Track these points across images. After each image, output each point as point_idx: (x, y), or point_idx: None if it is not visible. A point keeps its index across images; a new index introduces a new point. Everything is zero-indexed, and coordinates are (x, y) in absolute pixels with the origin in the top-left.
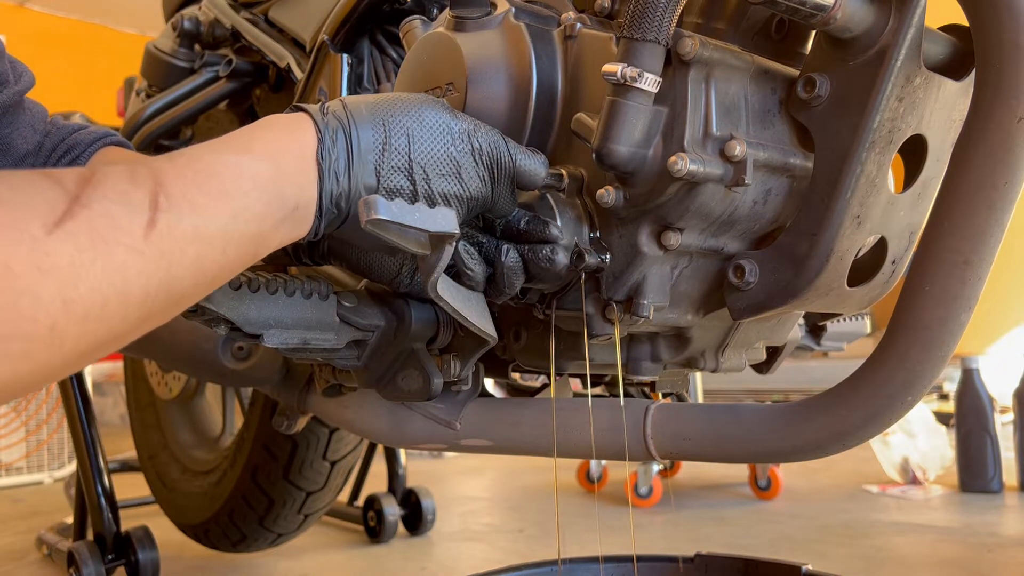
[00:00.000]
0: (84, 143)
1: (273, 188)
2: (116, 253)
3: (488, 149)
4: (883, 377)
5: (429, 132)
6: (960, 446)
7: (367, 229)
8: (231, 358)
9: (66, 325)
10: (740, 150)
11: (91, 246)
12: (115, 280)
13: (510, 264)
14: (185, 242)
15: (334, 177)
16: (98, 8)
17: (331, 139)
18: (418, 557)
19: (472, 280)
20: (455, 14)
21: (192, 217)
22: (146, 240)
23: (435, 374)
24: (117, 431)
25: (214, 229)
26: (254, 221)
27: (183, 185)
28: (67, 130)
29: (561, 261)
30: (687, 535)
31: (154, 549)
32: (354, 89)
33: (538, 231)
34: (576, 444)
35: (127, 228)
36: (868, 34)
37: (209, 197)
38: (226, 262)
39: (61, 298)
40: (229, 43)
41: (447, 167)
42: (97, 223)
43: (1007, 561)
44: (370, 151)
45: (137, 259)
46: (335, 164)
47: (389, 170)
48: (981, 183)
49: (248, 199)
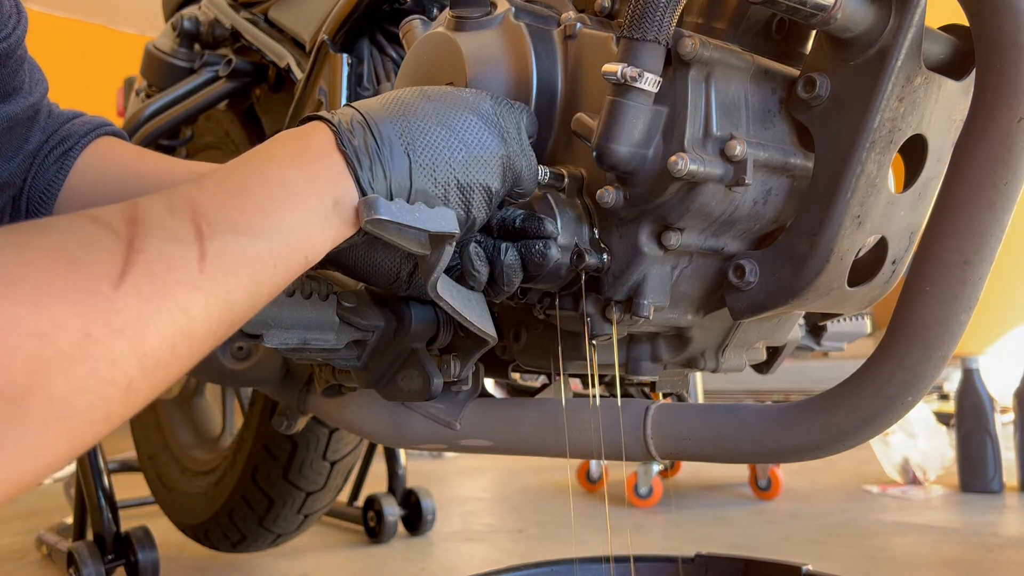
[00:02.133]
0: (78, 134)
1: (307, 190)
2: (178, 294)
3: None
4: (883, 377)
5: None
6: (960, 446)
7: (367, 229)
8: (231, 358)
9: (141, 380)
10: (740, 150)
11: (153, 293)
12: (180, 321)
13: (509, 262)
14: (238, 266)
15: (365, 162)
16: (98, 8)
17: (348, 130)
18: (418, 557)
19: (476, 281)
20: (455, 14)
21: (237, 239)
22: (202, 274)
23: (435, 374)
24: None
25: (261, 246)
26: (297, 228)
27: (219, 208)
28: (61, 119)
29: (553, 256)
30: (687, 535)
31: (154, 549)
32: (354, 89)
33: (534, 227)
34: (577, 444)
35: (182, 266)
36: (868, 34)
37: (246, 215)
38: (279, 277)
39: (135, 355)
40: (229, 43)
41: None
42: (155, 267)
43: (1007, 561)
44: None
45: (197, 294)
46: (359, 149)
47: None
48: (981, 183)
49: (285, 208)
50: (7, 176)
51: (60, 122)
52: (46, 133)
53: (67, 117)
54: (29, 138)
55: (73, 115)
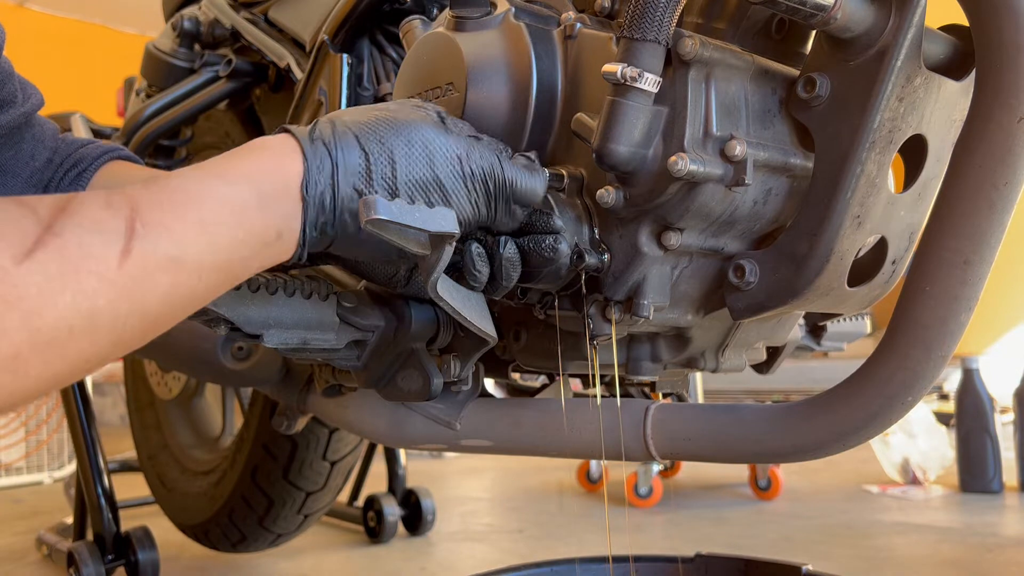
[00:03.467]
0: (90, 157)
1: (255, 217)
2: (87, 281)
3: (482, 173)
4: (883, 377)
5: (416, 156)
6: (960, 446)
7: (367, 229)
8: (231, 358)
9: (30, 354)
10: (740, 150)
11: (60, 275)
12: (82, 308)
13: (508, 256)
14: (158, 270)
15: (319, 206)
16: (98, 8)
17: (317, 168)
18: (418, 557)
19: (476, 280)
20: (455, 14)
21: (168, 245)
22: (119, 269)
23: (435, 374)
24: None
25: (189, 258)
26: (233, 249)
27: (160, 212)
28: (74, 145)
29: (564, 251)
30: (687, 535)
31: (154, 549)
32: (354, 89)
33: (540, 223)
34: (577, 444)
35: (100, 257)
36: (868, 34)
37: (186, 224)
38: (201, 289)
39: (26, 328)
40: (229, 43)
41: (434, 192)
42: (69, 252)
43: (1007, 561)
44: (355, 176)
45: (108, 288)
46: (320, 195)
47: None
48: (981, 183)
49: (227, 228)
50: (18, 193)
51: (74, 147)
52: (61, 156)
53: (81, 143)
54: (35, 155)
55: (87, 141)
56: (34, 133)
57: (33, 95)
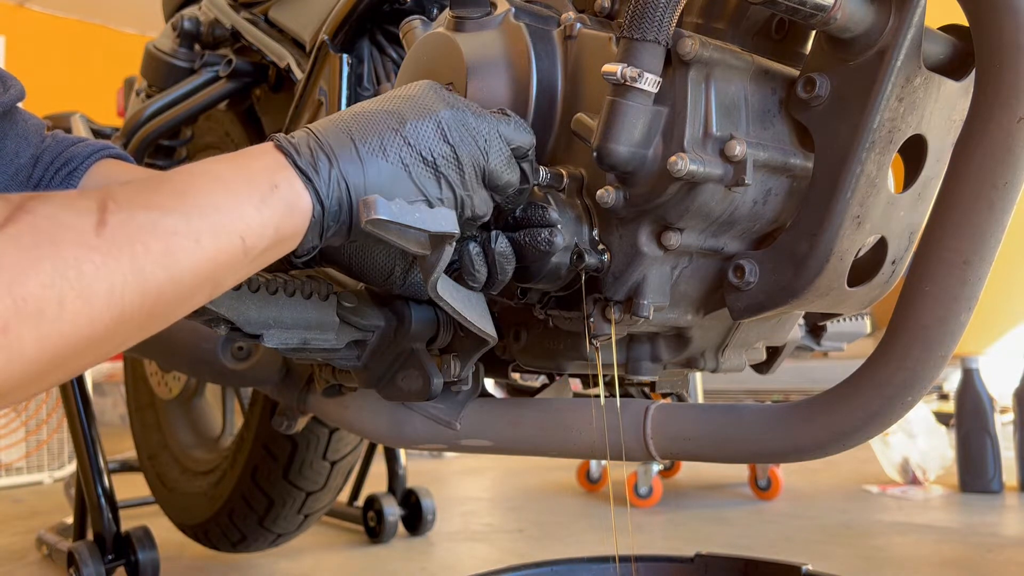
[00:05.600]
0: (81, 156)
1: (236, 177)
2: (66, 250)
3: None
4: (883, 377)
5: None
6: (960, 446)
7: (367, 229)
8: (231, 358)
9: (20, 326)
10: (740, 150)
11: (35, 246)
12: (69, 275)
13: (501, 250)
14: (145, 235)
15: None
16: (98, 8)
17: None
18: (418, 557)
19: (475, 280)
20: (455, 14)
21: (146, 213)
22: (98, 236)
23: (435, 374)
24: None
25: (175, 221)
26: (223, 208)
27: (132, 191)
28: (64, 143)
29: (559, 244)
30: (687, 535)
31: (154, 549)
32: (354, 89)
33: (536, 216)
34: (577, 444)
35: (75, 227)
36: (868, 34)
37: (161, 195)
38: (203, 253)
39: (10, 296)
40: (229, 43)
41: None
42: (41, 225)
43: (1007, 561)
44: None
45: (91, 254)
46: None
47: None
48: (981, 183)
49: (207, 191)
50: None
51: (65, 145)
52: (51, 154)
53: (72, 141)
54: (19, 152)
55: (77, 139)
56: (17, 130)
57: (13, 86)
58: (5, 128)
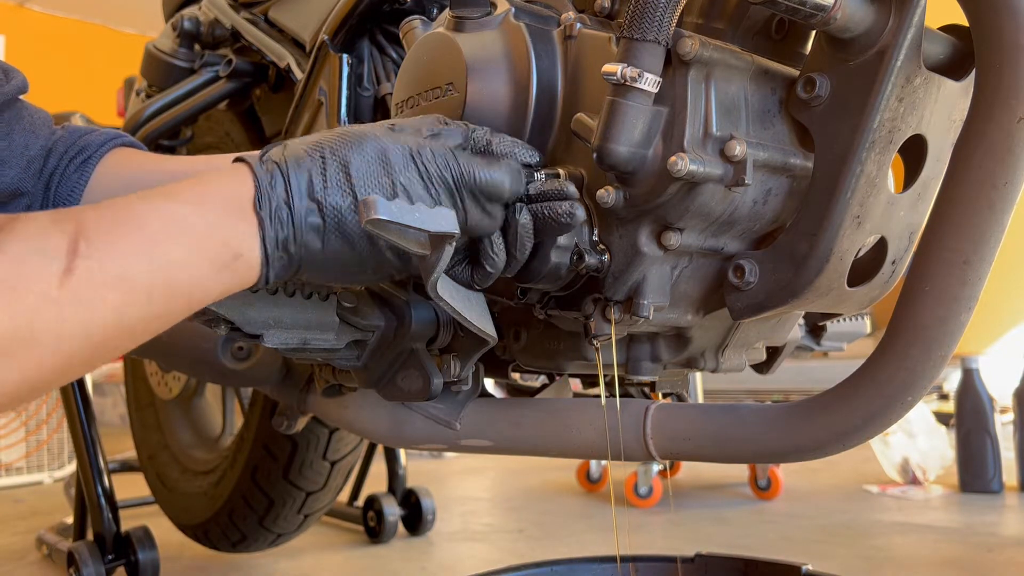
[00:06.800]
0: (95, 144)
1: (207, 236)
2: (26, 300)
3: (437, 170)
4: (883, 377)
5: (370, 161)
6: (960, 446)
7: (366, 229)
8: (231, 358)
9: None
10: (740, 150)
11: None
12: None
13: (523, 223)
14: (105, 289)
15: (277, 222)
16: (98, 8)
17: (268, 184)
18: (418, 557)
19: (493, 266)
20: (455, 14)
21: (113, 264)
22: (61, 288)
23: (435, 374)
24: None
25: (137, 277)
26: (185, 269)
27: (105, 231)
28: (77, 133)
29: (580, 216)
30: (687, 535)
31: (154, 549)
32: (354, 89)
33: (555, 190)
34: (577, 444)
35: (41, 275)
36: (868, 34)
37: (132, 244)
38: (153, 311)
39: None
40: (229, 43)
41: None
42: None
43: (1007, 561)
44: (310, 189)
45: (50, 307)
46: (275, 210)
47: (332, 207)
48: (981, 183)
49: (177, 246)
50: (14, 183)
51: (79, 135)
52: (64, 144)
53: (84, 131)
54: (29, 144)
55: (89, 129)
56: (24, 124)
57: (15, 77)
58: (11, 121)
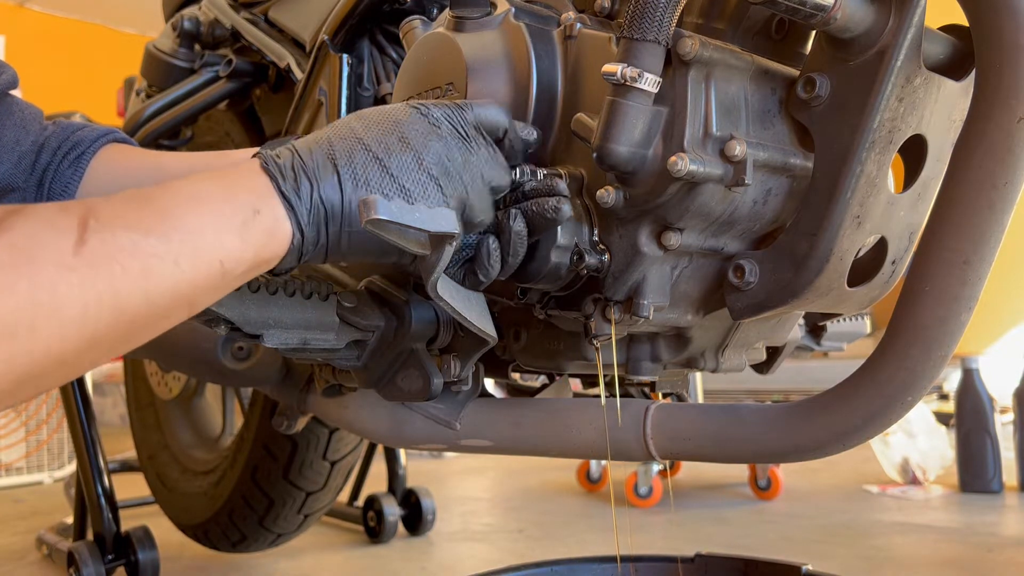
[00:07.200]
0: (88, 140)
1: (218, 198)
2: (43, 270)
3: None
4: (883, 377)
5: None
6: (960, 446)
7: (366, 229)
8: (231, 358)
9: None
10: (740, 150)
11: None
12: (43, 296)
13: (518, 229)
14: (124, 256)
15: (289, 175)
16: (98, 8)
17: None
18: (418, 557)
19: (487, 275)
20: (455, 14)
21: (127, 234)
22: (76, 255)
23: (435, 374)
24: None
25: (155, 243)
26: (204, 230)
27: (114, 208)
28: (70, 128)
29: (566, 213)
30: (687, 535)
31: (154, 549)
32: (354, 89)
33: (545, 186)
34: (577, 444)
35: (53, 246)
36: (868, 34)
37: (143, 214)
38: (182, 275)
39: None
40: (229, 43)
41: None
42: (19, 243)
43: (1007, 561)
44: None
45: (68, 274)
46: (283, 167)
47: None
48: (981, 183)
49: (190, 212)
50: (5, 178)
51: (71, 130)
52: (57, 140)
53: (77, 126)
54: (19, 140)
55: (82, 124)
56: (14, 119)
57: (5, 72)
58: (2, 116)
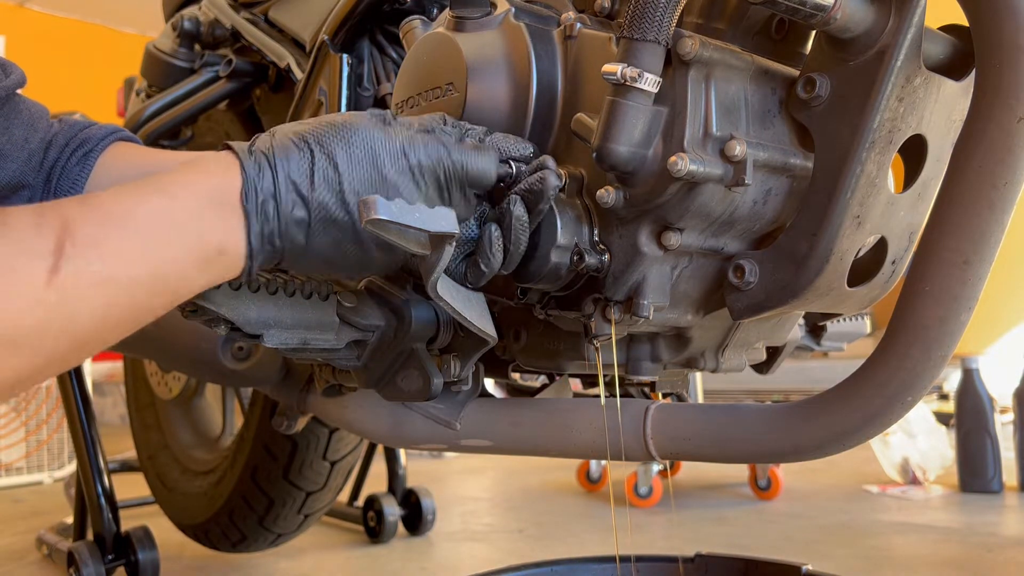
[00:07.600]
0: (96, 138)
1: (193, 231)
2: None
3: (430, 164)
4: (883, 377)
5: (358, 156)
6: (960, 446)
7: (367, 229)
8: (231, 358)
9: None
10: (740, 150)
11: None
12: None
13: (518, 215)
14: (90, 288)
15: (263, 216)
16: (98, 8)
17: (257, 177)
18: (418, 557)
19: (489, 266)
20: (455, 14)
21: (99, 263)
22: (48, 286)
23: (435, 374)
24: (117, 431)
25: (122, 274)
26: (170, 265)
27: (92, 228)
28: (77, 126)
29: (553, 183)
30: (687, 535)
31: (154, 549)
32: (354, 89)
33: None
34: (577, 444)
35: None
36: (868, 34)
37: (119, 241)
38: (137, 307)
39: None
40: (229, 43)
41: (381, 189)
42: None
43: (1007, 561)
44: (297, 181)
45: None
46: (262, 205)
47: (319, 202)
48: (981, 183)
49: (163, 244)
50: (16, 176)
51: (78, 128)
52: (64, 137)
53: (83, 124)
54: (28, 138)
55: (88, 123)
56: (23, 117)
57: (13, 71)
58: (10, 115)
